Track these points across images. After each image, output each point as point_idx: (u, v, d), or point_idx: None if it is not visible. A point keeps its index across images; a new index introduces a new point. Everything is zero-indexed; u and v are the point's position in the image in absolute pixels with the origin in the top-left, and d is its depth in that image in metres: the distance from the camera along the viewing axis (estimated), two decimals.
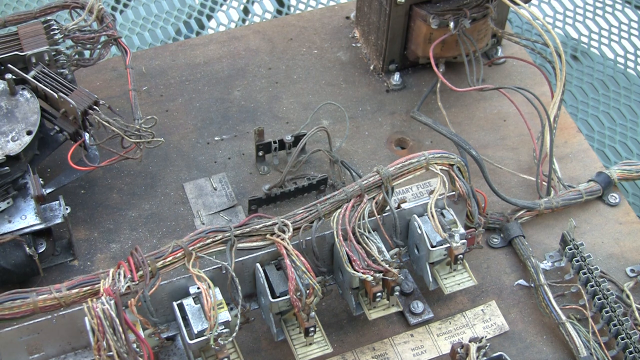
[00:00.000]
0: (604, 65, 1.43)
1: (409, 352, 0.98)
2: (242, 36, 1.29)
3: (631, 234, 1.09)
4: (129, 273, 0.85)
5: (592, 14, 1.51)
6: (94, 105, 1.01)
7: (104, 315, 0.82)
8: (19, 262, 0.97)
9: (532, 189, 1.13)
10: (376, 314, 0.96)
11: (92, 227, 1.07)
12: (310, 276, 0.88)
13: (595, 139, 1.33)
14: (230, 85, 1.23)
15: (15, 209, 0.98)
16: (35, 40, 1.05)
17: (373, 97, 1.23)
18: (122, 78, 1.21)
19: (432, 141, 1.18)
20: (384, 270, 0.91)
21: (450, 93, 1.21)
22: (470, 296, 1.03)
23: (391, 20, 1.17)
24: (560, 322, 0.98)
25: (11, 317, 0.83)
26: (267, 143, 1.12)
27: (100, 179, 1.12)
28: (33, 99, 1.01)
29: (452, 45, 1.17)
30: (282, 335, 0.93)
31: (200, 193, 1.11)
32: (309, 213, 0.93)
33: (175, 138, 1.16)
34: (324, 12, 1.34)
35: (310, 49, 1.28)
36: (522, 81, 1.25)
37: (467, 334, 1.00)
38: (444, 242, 0.94)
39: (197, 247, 0.88)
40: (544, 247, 1.07)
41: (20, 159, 0.98)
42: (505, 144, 1.18)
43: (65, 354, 0.89)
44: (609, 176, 1.12)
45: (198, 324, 0.86)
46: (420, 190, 1.12)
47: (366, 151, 1.16)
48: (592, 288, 0.99)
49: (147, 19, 1.48)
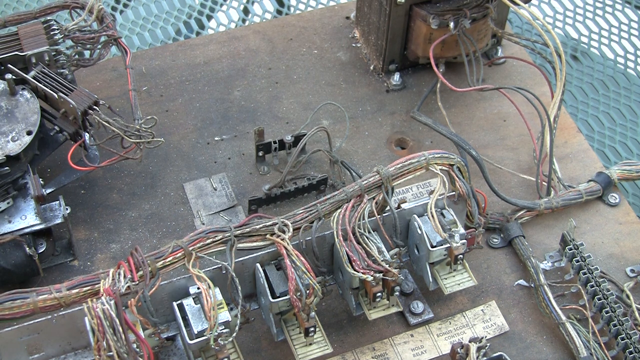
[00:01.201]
0: (604, 65, 1.43)
1: (409, 352, 0.98)
2: (242, 36, 1.29)
3: (631, 234, 1.09)
4: (129, 273, 0.85)
5: (592, 14, 1.51)
6: (94, 105, 1.01)
7: (104, 315, 0.82)
8: (19, 262, 0.97)
9: (532, 189, 1.13)
10: (376, 314, 0.96)
11: (92, 227, 1.07)
12: (310, 276, 0.88)
13: (595, 139, 1.33)
14: (230, 85, 1.23)
15: (15, 209, 0.98)
16: (35, 40, 1.05)
17: (373, 97, 1.23)
18: (122, 78, 1.21)
19: (432, 141, 1.18)
20: (384, 270, 0.91)
21: (450, 93, 1.21)
22: (470, 296, 1.03)
23: (391, 20, 1.17)
24: (560, 322, 0.98)
25: (11, 317, 0.83)
26: (267, 143, 1.12)
27: (100, 179, 1.12)
28: (33, 99, 1.01)
29: (452, 45, 1.17)
30: (282, 335, 0.93)
31: (200, 193, 1.11)
32: (309, 213, 0.93)
33: (175, 138, 1.16)
34: (324, 12, 1.33)
35: (310, 49, 1.28)
36: (522, 81, 1.25)
37: (467, 334, 1.00)
38: (444, 242, 0.94)
39: (197, 247, 0.88)
40: (544, 247, 1.07)
41: (20, 159, 0.98)
42: (505, 144, 1.18)
43: (65, 354, 0.89)
44: (609, 176, 1.11)
45: (198, 324, 0.86)
46: (420, 190, 1.12)
47: (366, 151, 1.16)
48: (592, 288, 0.99)
49: (147, 19, 1.48)
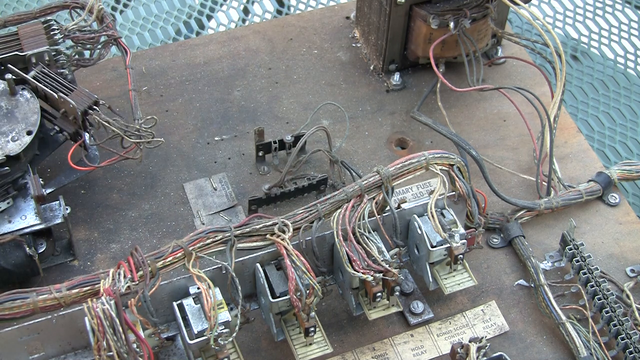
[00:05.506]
0: (604, 65, 1.43)
1: (409, 352, 0.98)
2: (242, 36, 1.29)
3: (631, 234, 1.09)
4: (129, 273, 0.85)
5: (592, 14, 1.51)
6: (94, 105, 1.01)
7: (104, 315, 0.82)
8: (19, 262, 0.97)
9: (532, 189, 1.13)
10: (376, 314, 0.96)
11: (92, 227, 1.07)
12: (310, 276, 0.88)
13: (595, 139, 1.33)
14: (230, 85, 1.23)
15: (15, 209, 0.98)
16: (35, 40, 1.05)
17: (373, 97, 1.23)
18: (122, 78, 1.21)
19: (432, 141, 1.18)
20: (384, 270, 0.91)
21: (450, 93, 1.21)
22: (470, 296, 1.03)
23: (391, 20, 1.17)
24: (560, 322, 0.98)
25: (11, 317, 0.83)
26: (267, 143, 1.12)
27: (100, 179, 1.12)
28: (33, 99, 1.01)
29: (452, 45, 1.17)
30: (282, 335, 0.93)
31: (200, 193, 1.11)
32: (309, 213, 0.93)
33: (175, 138, 1.16)
34: (324, 12, 1.33)
35: (310, 49, 1.28)
36: (522, 81, 1.25)
37: (467, 334, 1.00)
38: (444, 242, 0.94)
39: (197, 247, 0.88)
40: (544, 247, 1.07)
41: (20, 159, 0.98)
42: (505, 144, 1.18)
43: (65, 354, 0.89)
44: (609, 176, 1.11)
45: (198, 324, 0.86)
46: (420, 190, 1.12)
47: (366, 151, 1.16)
48: (592, 288, 0.99)
49: (147, 19, 1.48)
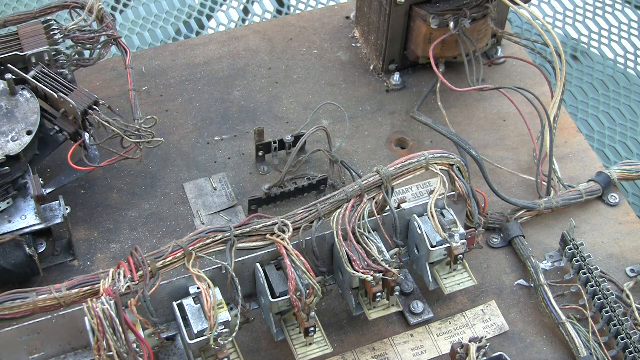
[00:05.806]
0: (604, 65, 1.43)
1: (409, 352, 0.98)
2: (242, 36, 1.29)
3: (631, 234, 1.09)
4: (129, 273, 0.85)
5: (592, 14, 1.51)
6: (94, 105, 1.01)
7: (104, 315, 0.82)
8: (19, 262, 0.97)
9: (532, 189, 1.13)
10: (376, 314, 0.96)
11: (92, 227, 1.07)
12: (310, 276, 0.88)
13: (595, 139, 1.33)
14: (230, 85, 1.23)
15: (15, 209, 0.98)
16: (35, 40, 1.05)
17: (373, 97, 1.23)
18: (122, 78, 1.21)
19: (432, 141, 1.18)
20: (384, 270, 0.91)
21: (450, 93, 1.21)
22: (470, 296, 1.03)
23: (391, 20, 1.17)
24: (560, 322, 0.98)
25: (11, 317, 0.83)
26: (267, 143, 1.12)
27: (100, 179, 1.12)
28: (33, 99, 1.01)
29: (452, 45, 1.17)
30: (282, 335, 0.93)
31: (200, 193, 1.11)
32: (309, 213, 0.93)
33: (175, 138, 1.16)
34: (324, 12, 1.33)
35: (310, 49, 1.28)
36: (522, 81, 1.25)
37: (467, 334, 1.00)
38: (444, 242, 0.94)
39: (197, 247, 0.88)
40: (544, 247, 1.07)
41: (20, 159, 0.98)
42: (505, 144, 1.18)
43: (65, 354, 0.89)
44: (609, 176, 1.11)
45: (198, 324, 0.86)
46: (420, 190, 1.12)
47: (366, 151, 1.16)
48: (592, 288, 0.99)
49: (147, 19, 1.48)
